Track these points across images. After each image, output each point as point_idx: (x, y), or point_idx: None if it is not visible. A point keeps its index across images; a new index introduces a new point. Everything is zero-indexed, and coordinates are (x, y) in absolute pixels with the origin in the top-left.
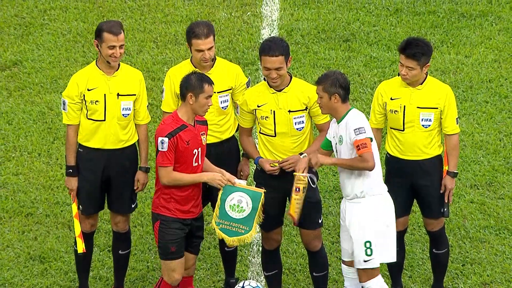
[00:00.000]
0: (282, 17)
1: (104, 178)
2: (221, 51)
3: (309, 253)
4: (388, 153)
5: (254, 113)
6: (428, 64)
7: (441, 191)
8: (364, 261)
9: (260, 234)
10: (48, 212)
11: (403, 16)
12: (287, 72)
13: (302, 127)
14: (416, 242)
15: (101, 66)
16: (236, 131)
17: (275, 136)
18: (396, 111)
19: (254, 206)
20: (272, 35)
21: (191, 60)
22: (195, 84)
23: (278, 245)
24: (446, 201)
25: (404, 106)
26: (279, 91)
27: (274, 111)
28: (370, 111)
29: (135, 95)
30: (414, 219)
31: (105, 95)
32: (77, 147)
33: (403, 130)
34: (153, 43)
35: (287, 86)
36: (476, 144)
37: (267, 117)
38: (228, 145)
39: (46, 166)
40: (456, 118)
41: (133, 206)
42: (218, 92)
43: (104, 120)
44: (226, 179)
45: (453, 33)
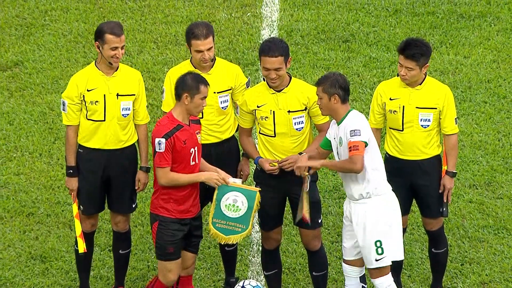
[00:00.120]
0: (282, 18)
1: (104, 178)
2: (221, 52)
3: (309, 253)
4: (387, 153)
5: (254, 114)
6: (427, 65)
7: (440, 191)
8: (376, 260)
9: (260, 234)
10: (49, 212)
11: (402, 17)
12: (287, 73)
13: (302, 128)
14: (415, 242)
15: (101, 67)
16: (236, 131)
17: (275, 137)
18: (395, 111)
19: (250, 205)
20: (272, 36)
21: (191, 61)
22: (191, 85)
23: (278, 245)
24: (445, 201)
25: (403, 106)
26: (279, 92)
27: (274, 112)
28: (369, 111)
29: (135, 95)
30: (413, 219)
31: (105, 96)
32: (77, 148)
33: (402, 130)
34: (154, 44)
35: (287, 87)
36: (475, 144)
37: (267, 118)
38: (228, 145)
39: (47, 166)
40: (455, 118)
41: (133, 206)
42: (218, 92)
43: (104, 121)
44: (222, 178)
45: (452, 34)
